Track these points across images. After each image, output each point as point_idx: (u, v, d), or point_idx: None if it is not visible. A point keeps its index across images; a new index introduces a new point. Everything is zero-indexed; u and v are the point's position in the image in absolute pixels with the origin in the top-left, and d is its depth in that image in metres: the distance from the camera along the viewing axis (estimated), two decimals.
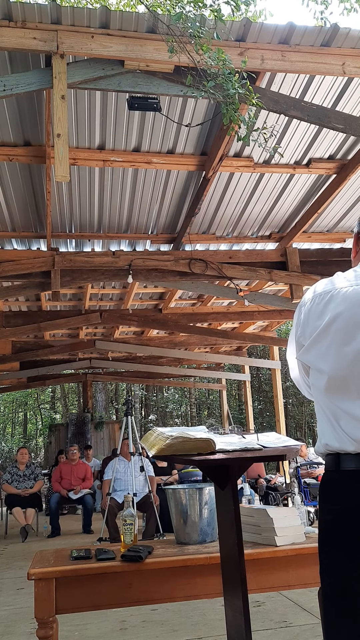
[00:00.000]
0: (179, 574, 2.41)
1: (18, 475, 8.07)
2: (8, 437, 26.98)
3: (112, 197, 5.32)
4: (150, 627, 3.57)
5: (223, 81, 3.07)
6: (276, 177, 5.30)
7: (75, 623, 3.65)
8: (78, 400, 23.27)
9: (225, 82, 3.06)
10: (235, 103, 3.11)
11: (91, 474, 8.56)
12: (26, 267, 5.47)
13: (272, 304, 6.61)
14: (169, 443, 2.03)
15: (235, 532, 2.01)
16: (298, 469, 7.83)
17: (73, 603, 2.33)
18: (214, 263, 5.76)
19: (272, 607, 3.85)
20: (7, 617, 3.95)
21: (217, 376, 13.80)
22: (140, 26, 3.29)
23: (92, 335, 10.42)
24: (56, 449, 12.89)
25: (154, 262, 5.70)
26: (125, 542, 2.58)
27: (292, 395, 21.78)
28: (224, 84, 3.07)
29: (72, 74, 3.28)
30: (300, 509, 2.81)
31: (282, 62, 3.50)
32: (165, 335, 10.25)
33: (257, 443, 2.20)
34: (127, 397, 7.44)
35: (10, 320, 7.55)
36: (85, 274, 5.69)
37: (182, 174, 5.09)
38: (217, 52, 3.07)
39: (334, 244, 6.75)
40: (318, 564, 1.48)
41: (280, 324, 11.06)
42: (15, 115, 4.13)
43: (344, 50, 3.56)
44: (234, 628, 2.00)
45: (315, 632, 3.26)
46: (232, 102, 3.08)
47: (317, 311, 1.47)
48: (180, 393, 24.78)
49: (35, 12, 3.16)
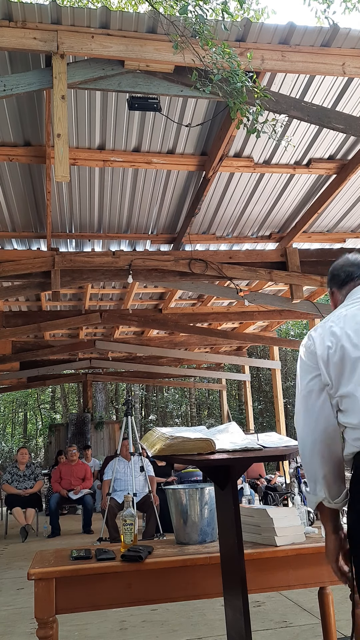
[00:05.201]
0: (179, 574, 2.41)
1: (18, 475, 8.07)
2: (8, 437, 26.97)
3: (112, 197, 5.32)
4: (150, 627, 3.57)
5: (229, 75, 3.07)
6: (276, 177, 5.30)
7: (75, 623, 3.65)
8: (78, 400, 23.27)
9: (232, 75, 3.06)
10: (242, 96, 3.10)
11: (91, 474, 8.56)
12: (26, 267, 5.46)
13: (272, 304, 6.61)
14: (169, 443, 2.03)
15: (235, 532, 2.01)
16: (298, 469, 7.83)
17: (73, 603, 2.33)
18: (214, 263, 5.76)
19: (272, 607, 3.85)
20: (7, 617, 3.95)
21: (217, 376, 13.79)
22: (140, 26, 3.29)
23: (92, 335, 10.42)
24: (56, 449, 12.88)
25: (154, 262, 5.70)
26: (125, 542, 2.57)
27: (292, 396, 21.77)
28: (230, 77, 3.07)
29: (72, 74, 3.28)
30: (300, 509, 2.82)
31: (282, 62, 3.50)
32: (165, 335, 10.25)
33: (257, 443, 2.20)
34: (127, 397, 7.44)
35: (10, 320, 7.54)
36: (85, 274, 5.69)
37: (182, 174, 5.09)
38: (223, 46, 3.07)
39: (334, 244, 6.75)
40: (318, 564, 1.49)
41: (280, 324, 11.07)
42: (15, 115, 4.13)
43: (344, 50, 3.56)
44: (234, 628, 2.00)
45: (315, 632, 3.26)
46: (239, 96, 3.08)
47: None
48: (180, 393, 24.77)
49: (35, 12, 3.15)
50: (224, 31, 3.29)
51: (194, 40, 3.19)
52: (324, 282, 5.94)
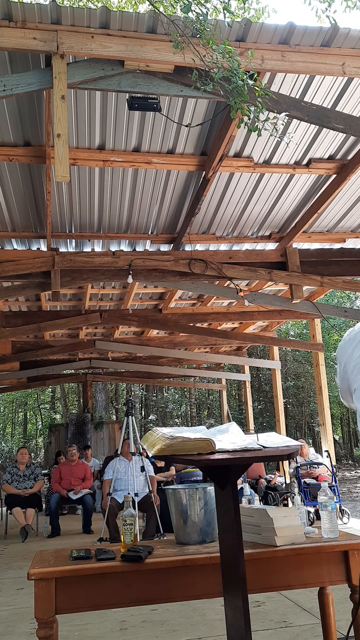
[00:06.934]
0: (179, 574, 2.41)
1: (18, 476, 8.07)
2: (8, 437, 26.97)
3: (112, 197, 5.33)
4: (150, 627, 3.57)
5: (230, 73, 3.07)
6: (276, 177, 5.30)
7: (75, 623, 3.65)
8: (78, 400, 23.27)
9: (233, 74, 3.06)
10: (243, 95, 3.10)
11: (91, 474, 8.56)
12: (26, 267, 5.46)
13: (272, 304, 6.61)
14: (169, 443, 2.03)
15: (235, 532, 2.01)
16: (298, 469, 7.83)
17: (73, 603, 2.33)
18: (214, 263, 5.76)
19: (272, 607, 3.85)
20: (7, 617, 3.95)
21: (217, 376, 13.79)
22: (140, 26, 3.29)
23: (92, 335, 10.42)
24: (56, 449, 12.89)
25: (154, 262, 5.70)
26: (125, 542, 2.58)
27: (292, 396, 21.79)
28: (231, 76, 3.07)
29: (72, 74, 3.28)
30: (300, 509, 2.81)
31: (282, 62, 3.50)
32: (165, 336, 10.26)
33: (257, 443, 2.20)
34: (127, 397, 7.43)
35: (10, 320, 7.54)
36: (85, 274, 5.69)
37: (182, 174, 5.09)
38: (224, 44, 3.07)
39: (334, 244, 6.75)
40: (318, 564, 1.48)
41: (280, 324, 11.07)
42: (15, 115, 4.13)
43: (344, 50, 3.56)
44: (234, 628, 2.00)
45: (315, 632, 3.26)
46: (240, 95, 3.08)
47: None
48: (180, 393, 24.77)
49: (35, 12, 3.15)
50: (225, 29, 3.29)
51: (195, 40, 3.19)
52: (324, 282, 5.94)
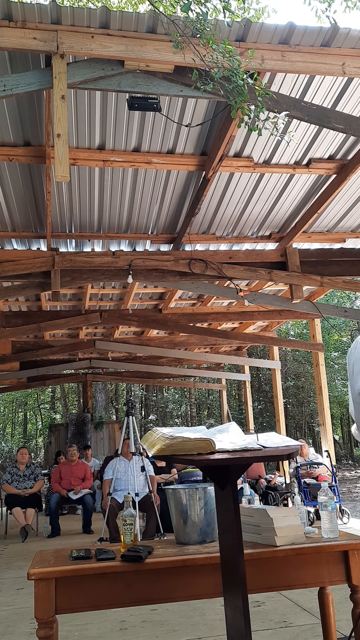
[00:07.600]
0: (179, 574, 2.41)
1: (18, 476, 8.07)
2: (8, 437, 26.96)
3: (112, 197, 5.33)
4: (150, 627, 3.57)
5: (230, 73, 3.07)
6: (276, 177, 5.30)
7: (75, 623, 3.65)
8: (78, 400, 23.26)
9: (233, 74, 3.06)
10: (243, 94, 3.10)
11: (91, 474, 8.55)
12: (26, 267, 5.46)
13: (272, 304, 6.61)
14: (169, 443, 2.03)
15: (235, 532, 2.01)
16: (298, 469, 7.82)
17: (73, 603, 2.33)
18: (214, 263, 5.76)
19: (272, 607, 3.85)
20: (7, 617, 3.95)
21: (217, 376, 13.79)
22: (140, 26, 3.29)
23: (92, 335, 10.42)
24: (56, 449, 12.89)
25: (154, 262, 5.70)
26: (125, 542, 2.58)
27: (292, 396, 21.78)
28: (231, 75, 3.07)
29: (72, 74, 3.28)
30: (300, 509, 2.81)
31: (282, 62, 3.50)
32: (165, 335, 10.26)
33: (257, 443, 2.20)
34: (128, 397, 7.43)
35: (10, 320, 7.54)
36: (85, 274, 5.69)
37: (182, 174, 5.09)
38: (224, 44, 3.07)
39: (334, 244, 6.75)
40: (318, 564, 1.48)
41: (280, 324, 11.07)
42: (15, 115, 4.13)
43: (344, 50, 3.56)
44: (234, 628, 2.00)
45: (315, 632, 3.26)
46: (240, 94, 3.08)
47: None
48: (180, 393, 24.76)
49: (35, 12, 3.15)
50: (225, 29, 3.28)
51: (195, 40, 3.19)
52: (324, 282, 5.94)
